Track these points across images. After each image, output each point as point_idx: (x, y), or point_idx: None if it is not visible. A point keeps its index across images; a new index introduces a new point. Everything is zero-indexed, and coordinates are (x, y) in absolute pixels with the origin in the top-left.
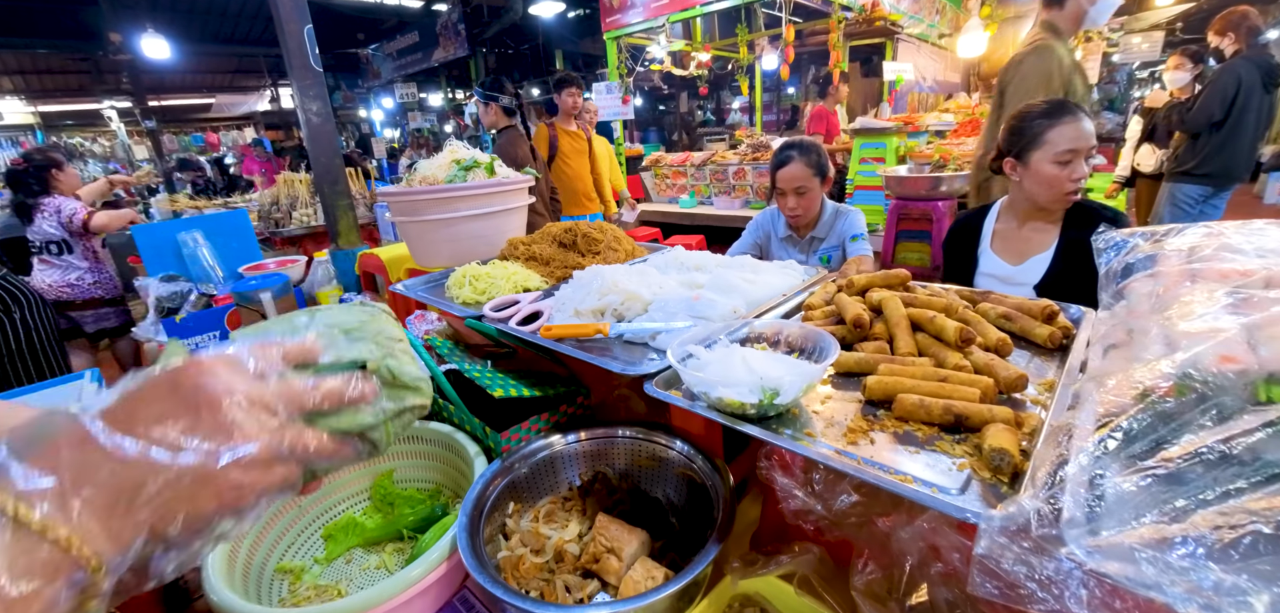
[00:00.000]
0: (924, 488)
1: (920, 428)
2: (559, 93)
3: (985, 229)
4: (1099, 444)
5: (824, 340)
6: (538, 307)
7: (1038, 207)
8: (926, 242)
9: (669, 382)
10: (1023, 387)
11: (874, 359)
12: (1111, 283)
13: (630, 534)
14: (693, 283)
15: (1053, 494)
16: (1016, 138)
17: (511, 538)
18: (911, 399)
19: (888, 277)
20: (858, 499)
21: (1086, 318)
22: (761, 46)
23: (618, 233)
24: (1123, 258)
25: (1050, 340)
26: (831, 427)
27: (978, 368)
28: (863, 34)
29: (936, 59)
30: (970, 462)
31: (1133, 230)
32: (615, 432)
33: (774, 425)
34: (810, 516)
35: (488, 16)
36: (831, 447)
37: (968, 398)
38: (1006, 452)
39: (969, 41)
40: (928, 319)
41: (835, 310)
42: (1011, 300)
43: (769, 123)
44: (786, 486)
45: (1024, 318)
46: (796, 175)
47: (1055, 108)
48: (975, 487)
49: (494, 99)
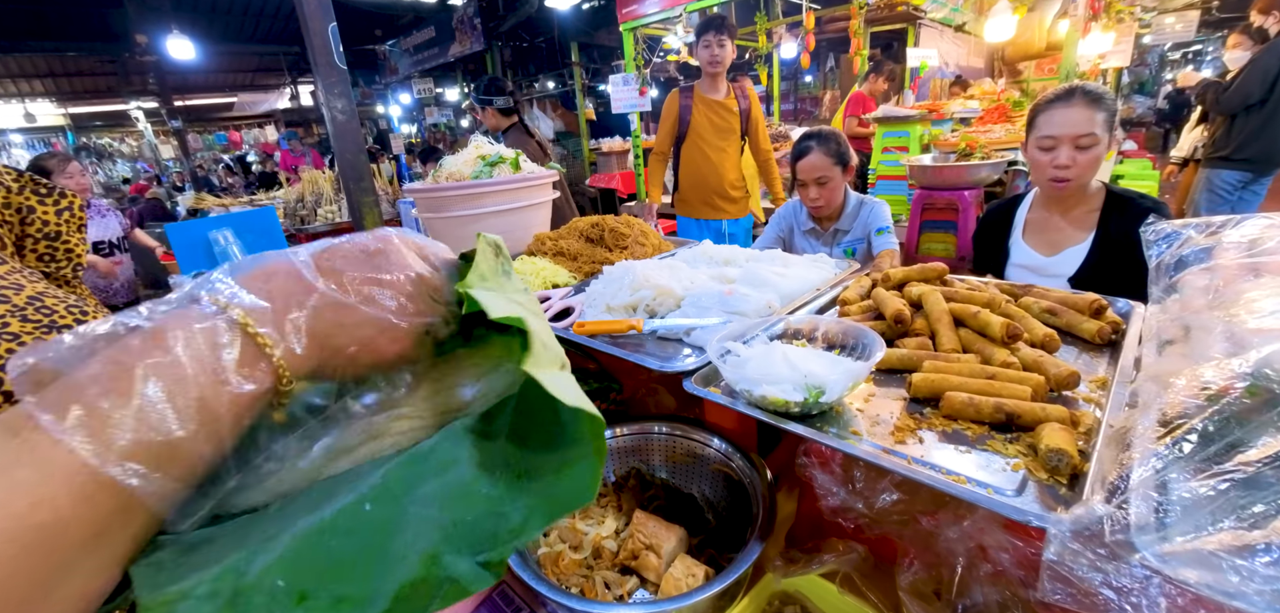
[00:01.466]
0: (979, 489)
1: (970, 426)
2: (695, 45)
3: (1017, 218)
4: (1173, 447)
5: (867, 337)
6: (569, 302)
7: (1046, 195)
8: (952, 232)
9: (706, 378)
10: (1075, 384)
11: (918, 356)
12: (1163, 276)
13: (668, 531)
14: (723, 277)
15: (1122, 498)
16: (1027, 121)
17: (550, 534)
18: (960, 397)
19: (925, 270)
20: (899, 497)
21: (1135, 312)
22: (779, 35)
23: (645, 227)
24: (1175, 250)
25: (1098, 336)
26: (877, 425)
27: (1026, 365)
28: (884, 20)
29: (960, 44)
30: (1025, 462)
31: (1185, 222)
32: (651, 428)
33: (818, 424)
34: (850, 513)
35: (503, 10)
36: (878, 446)
37: (1019, 396)
38: (1065, 452)
39: (997, 25)
40: (971, 314)
41: (873, 305)
42: (1056, 294)
43: (787, 112)
44: (826, 482)
45: (1070, 312)
46: (817, 165)
47: (1059, 93)
48: (1032, 488)
49: (489, 103)
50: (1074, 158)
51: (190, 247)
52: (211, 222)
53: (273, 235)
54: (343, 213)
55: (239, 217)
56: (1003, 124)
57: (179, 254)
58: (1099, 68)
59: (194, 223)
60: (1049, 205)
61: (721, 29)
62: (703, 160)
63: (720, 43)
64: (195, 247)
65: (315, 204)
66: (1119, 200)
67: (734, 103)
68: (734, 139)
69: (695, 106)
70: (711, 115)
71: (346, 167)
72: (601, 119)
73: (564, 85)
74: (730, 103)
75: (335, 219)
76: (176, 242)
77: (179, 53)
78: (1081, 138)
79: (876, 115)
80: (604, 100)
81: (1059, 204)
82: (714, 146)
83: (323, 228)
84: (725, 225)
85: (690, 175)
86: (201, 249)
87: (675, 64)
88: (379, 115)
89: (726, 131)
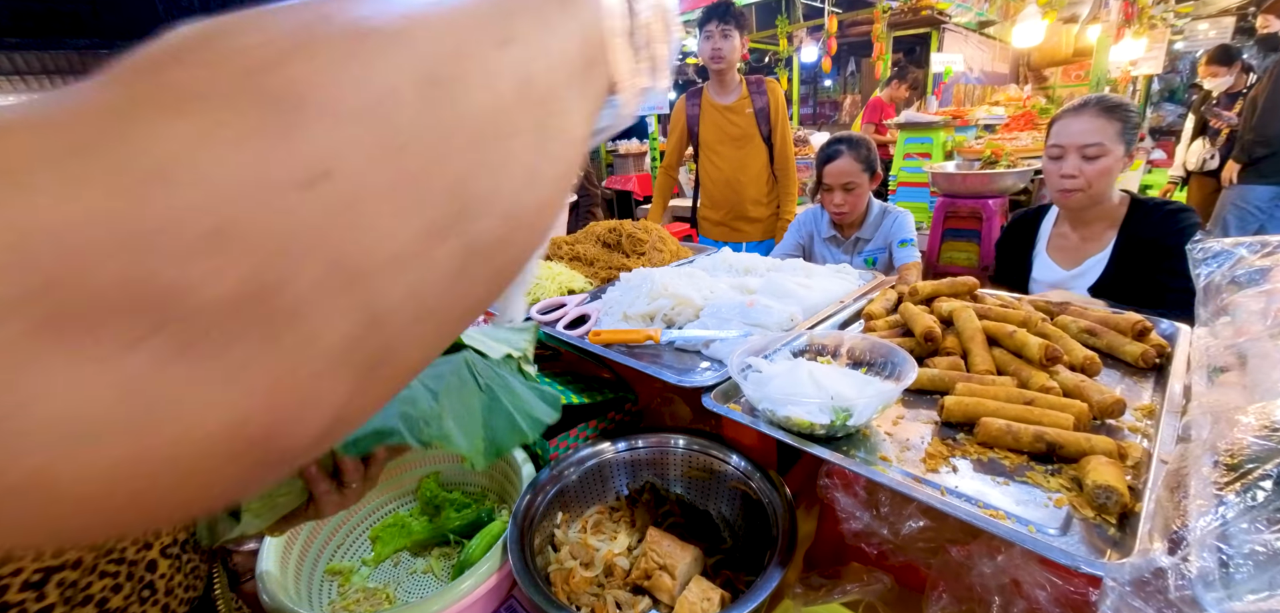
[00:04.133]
0: (1021, 528)
1: (1007, 455)
2: (698, 36)
3: (1042, 231)
4: (1244, 494)
5: (897, 356)
6: (585, 310)
7: (1061, 207)
8: (975, 241)
9: (726, 394)
10: (1120, 412)
11: (950, 377)
12: (1213, 298)
13: (683, 550)
14: (743, 286)
15: (1185, 549)
16: (1047, 132)
17: (561, 550)
18: (997, 424)
19: (955, 284)
20: (927, 524)
21: (1181, 334)
22: (800, 38)
23: (663, 233)
24: (1227, 270)
25: (1143, 359)
26: (907, 451)
27: (1067, 390)
28: (907, 24)
29: (984, 49)
30: (1069, 497)
31: (1238, 241)
32: (668, 441)
33: (845, 447)
34: (874, 538)
35: None
36: (909, 473)
37: (1060, 424)
38: (1114, 489)
39: (1026, 30)
40: (1006, 334)
41: (900, 321)
42: (1095, 313)
43: (806, 116)
44: (849, 505)
45: (1111, 334)
46: (845, 170)
47: (1075, 104)
48: (1078, 527)
49: None
50: (1080, 168)
51: None
52: None
53: None
54: None
55: None
56: (1029, 131)
57: None
58: (1130, 74)
59: None
60: (1070, 218)
61: (725, 17)
62: (718, 175)
63: (723, 34)
64: None
65: None
66: (1142, 206)
67: (747, 103)
68: (753, 146)
69: (703, 113)
70: (719, 121)
71: None
72: None
73: None
74: (742, 105)
75: None
76: None
77: None
78: (1088, 147)
79: (898, 121)
80: None
81: (1079, 216)
82: (726, 158)
83: None
84: (744, 249)
85: (707, 192)
86: None
87: (693, 66)
88: None
89: (739, 139)
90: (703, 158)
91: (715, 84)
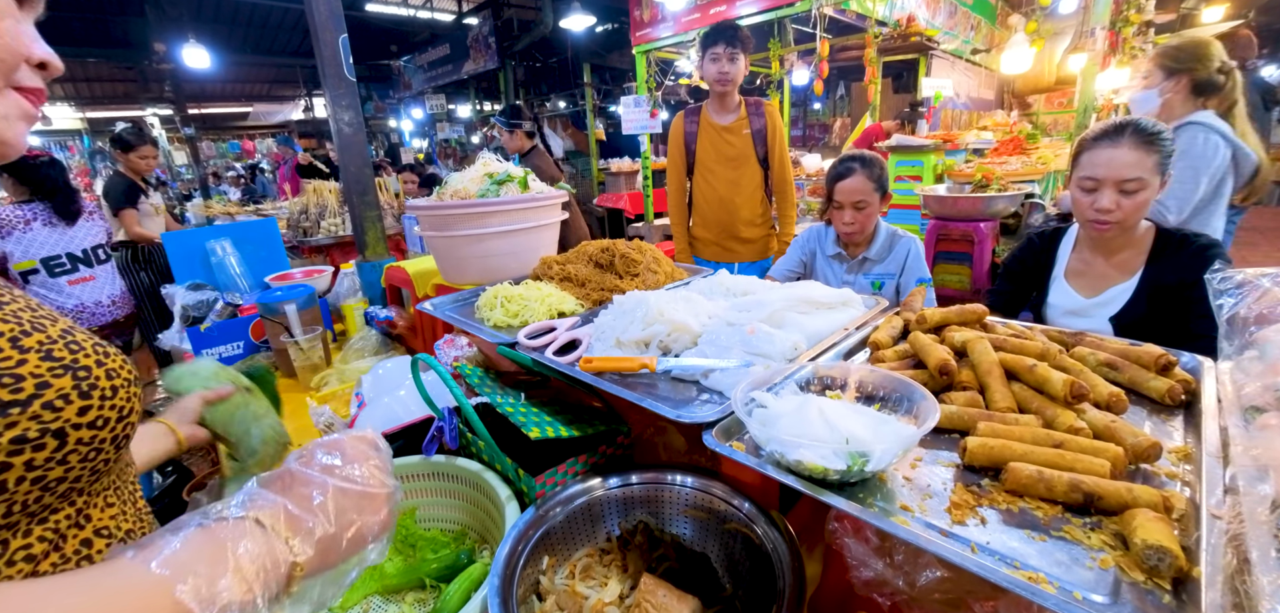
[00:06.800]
0: (1064, 596)
1: (1039, 506)
2: (702, 56)
3: (1060, 256)
4: None
5: (914, 393)
6: (575, 335)
7: (1088, 236)
8: (966, 264)
9: (726, 430)
10: (1157, 456)
11: (970, 415)
12: (1239, 332)
13: (680, 601)
14: (743, 312)
15: None
16: (1072, 155)
17: (547, 600)
18: (1027, 470)
19: (964, 312)
20: (945, 575)
21: (1206, 369)
22: (791, 61)
23: (657, 254)
24: (1252, 303)
25: (1169, 396)
26: (929, 500)
27: (1096, 431)
28: (897, 49)
29: (970, 75)
30: (1114, 558)
31: (1261, 272)
32: (663, 478)
33: (860, 494)
34: (887, 589)
35: (518, 30)
36: (934, 526)
37: (1097, 472)
38: (1167, 550)
39: (1013, 57)
40: (1026, 368)
41: (910, 351)
42: (1113, 345)
43: (796, 138)
44: (860, 553)
45: (1133, 368)
46: (857, 188)
47: (1108, 129)
48: (1127, 593)
49: (517, 125)
50: (1118, 202)
51: (187, 256)
52: (209, 231)
53: (272, 247)
54: (346, 227)
55: (239, 227)
56: (1018, 156)
57: (174, 263)
58: (1113, 102)
59: (191, 232)
60: (1093, 247)
61: (733, 40)
62: (712, 194)
63: (731, 57)
64: (191, 256)
65: (319, 216)
66: (1170, 239)
67: (745, 124)
68: (749, 167)
69: (701, 132)
70: (717, 141)
71: (351, 180)
72: (611, 139)
73: (575, 105)
74: (739, 125)
75: (338, 232)
76: (173, 251)
77: (195, 61)
78: (1127, 182)
79: (889, 144)
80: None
81: (1103, 246)
82: (723, 177)
83: (325, 240)
84: (737, 271)
85: (700, 211)
86: (198, 259)
87: (686, 87)
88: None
89: (736, 160)
90: (698, 176)
91: (715, 104)
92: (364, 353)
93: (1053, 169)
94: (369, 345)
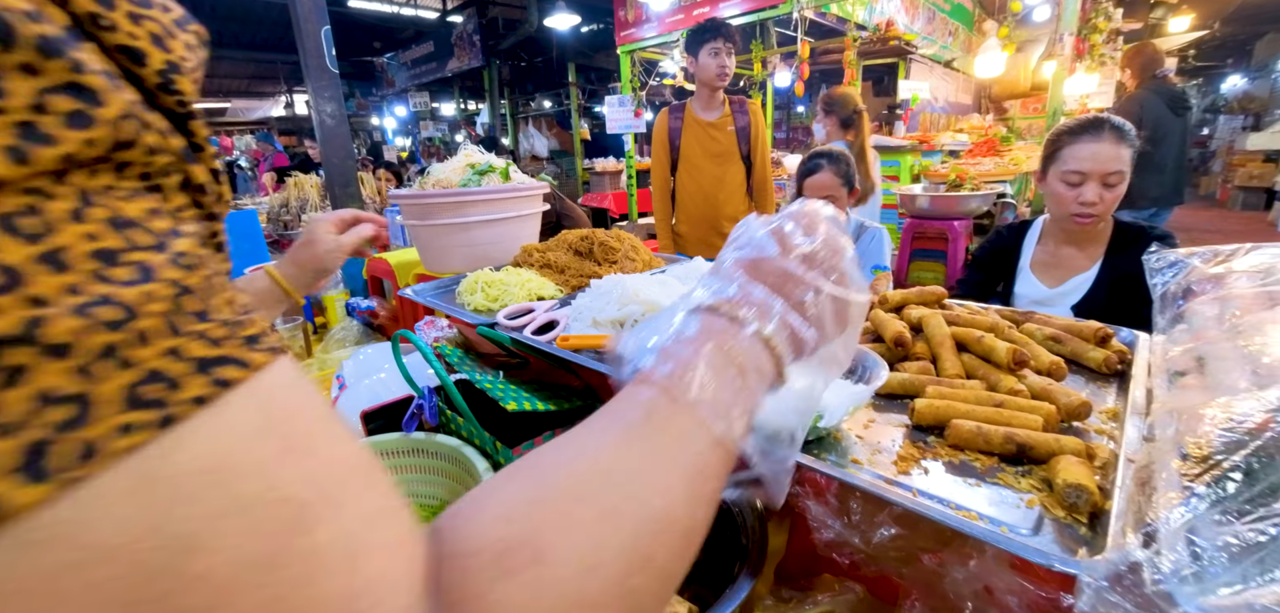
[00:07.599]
0: (993, 527)
1: (978, 457)
2: (696, 51)
3: (1025, 249)
4: (1214, 487)
5: (868, 359)
6: (553, 316)
7: (1062, 228)
8: (941, 261)
9: None
10: (1087, 414)
11: (920, 381)
12: (1169, 307)
13: None
14: None
15: (1157, 544)
16: (1047, 150)
17: None
18: (968, 426)
19: (923, 294)
20: (899, 532)
21: (1141, 342)
22: (773, 64)
23: (635, 242)
24: (1181, 280)
25: (1105, 365)
26: (879, 454)
27: (1034, 393)
28: (877, 53)
29: (948, 80)
30: (1040, 498)
31: (1191, 251)
32: None
33: (815, 450)
34: (846, 547)
35: (503, 28)
36: (881, 476)
37: (1030, 426)
38: (1084, 488)
39: (986, 61)
40: (974, 339)
41: (870, 327)
42: (1059, 322)
43: (779, 140)
44: (820, 514)
45: (1075, 340)
46: (825, 184)
47: (1086, 123)
48: (1049, 526)
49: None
50: (1102, 195)
51: None
52: None
53: (253, 240)
54: None
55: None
56: (991, 157)
57: None
58: (1085, 106)
59: None
60: (1061, 239)
61: (731, 35)
62: (696, 189)
63: (729, 52)
64: None
65: (300, 210)
66: (1127, 230)
67: (729, 121)
68: (733, 163)
69: (686, 128)
70: (702, 136)
71: (333, 171)
72: (596, 139)
73: (560, 104)
74: (724, 122)
75: None
76: None
77: None
78: (1110, 175)
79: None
80: (599, 120)
81: (1072, 238)
82: (708, 173)
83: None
84: None
85: (684, 207)
86: None
87: (670, 88)
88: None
89: (720, 156)
90: (681, 171)
91: (701, 100)
92: (345, 343)
93: (1024, 170)
94: (350, 336)
